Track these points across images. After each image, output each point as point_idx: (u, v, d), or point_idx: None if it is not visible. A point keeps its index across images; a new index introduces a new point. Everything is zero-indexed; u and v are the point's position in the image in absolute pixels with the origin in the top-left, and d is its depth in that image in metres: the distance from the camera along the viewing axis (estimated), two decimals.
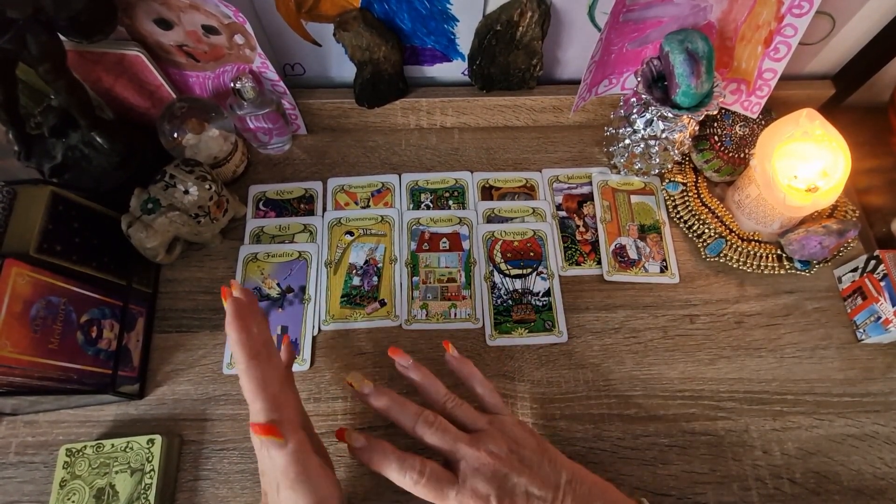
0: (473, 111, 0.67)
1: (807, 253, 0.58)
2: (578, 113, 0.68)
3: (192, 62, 0.58)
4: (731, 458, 0.52)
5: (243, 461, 0.51)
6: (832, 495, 0.51)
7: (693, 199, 0.63)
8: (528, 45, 0.59)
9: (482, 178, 0.66)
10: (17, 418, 0.53)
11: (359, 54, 0.58)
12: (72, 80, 0.50)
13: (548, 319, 0.58)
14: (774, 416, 0.54)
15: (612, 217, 0.64)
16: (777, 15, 0.51)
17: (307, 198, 0.64)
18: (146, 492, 0.48)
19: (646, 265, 0.61)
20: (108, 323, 0.52)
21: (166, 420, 0.53)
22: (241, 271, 0.60)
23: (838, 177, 0.54)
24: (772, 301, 0.60)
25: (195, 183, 0.54)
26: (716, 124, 0.63)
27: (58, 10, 0.44)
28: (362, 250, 0.61)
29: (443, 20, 0.58)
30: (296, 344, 0.56)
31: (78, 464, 0.49)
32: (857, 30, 0.61)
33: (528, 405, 0.54)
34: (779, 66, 0.55)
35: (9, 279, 0.44)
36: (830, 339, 0.58)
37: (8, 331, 0.43)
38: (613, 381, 0.56)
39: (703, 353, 0.57)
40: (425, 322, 0.58)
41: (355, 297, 0.59)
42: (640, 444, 0.53)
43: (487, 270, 0.60)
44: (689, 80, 0.51)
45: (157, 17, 0.52)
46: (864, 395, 0.55)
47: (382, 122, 0.68)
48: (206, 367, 0.55)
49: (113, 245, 0.54)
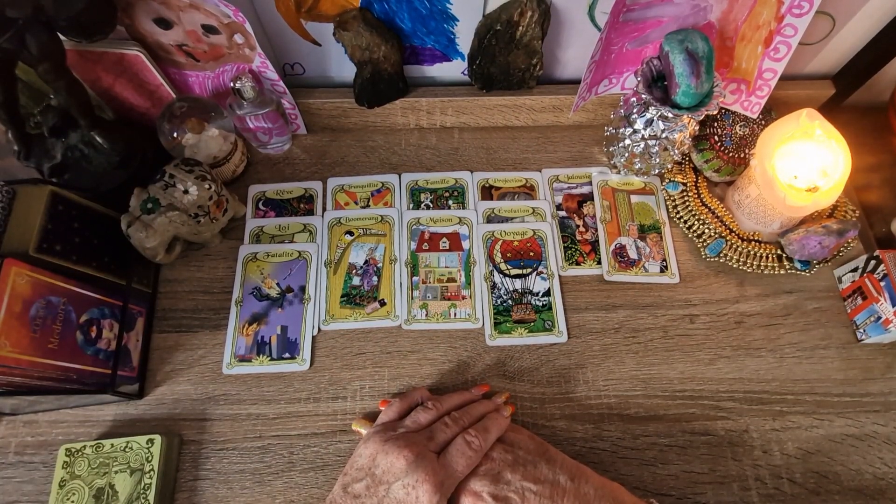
0: (473, 111, 0.67)
1: (807, 253, 0.58)
2: (578, 113, 0.68)
3: (192, 62, 0.58)
4: (731, 458, 0.52)
5: (243, 461, 0.51)
6: (832, 495, 0.51)
7: (693, 199, 0.63)
8: (528, 45, 0.59)
9: (482, 177, 0.66)
10: (16, 418, 0.53)
11: (358, 54, 0.58)
12: (71, 80, 0.50)
13: (548, 319, 0.58)
14: (774, 416, 0.54)
15: (612, 217, 0.64)
16: (777, 15, 0.51)
17: (307, 197, 0.64)
18: (146, 492, 0.48)
19: (646, 265, 0.61)
20: (107, 323, 0.52)
21: (166, 420, 0.53)
22: (240, 271, 0.60)
23: (838, 177, 0.54)
24: (772, 301, 0.60)
25: (195, 183, 0.54)
26: (716, 124, 0.63)
27: (58, 9, 0.43)
28: (362, 250, 0.61)
29: (443, 20, 0.58)
30: (295, 344, 0.56)
31: (77, 464, 0.49)
32: (857, 30, 0.61)
33: (528, 405, 0.54)
34: (779, 65, 0.55)
35: (8, 279, 0.44)
36: (830, 339, 0.58)
37: (7, 331, 0.43)
38: (613, 381, 0.56)
39: (703, 353, 0.57)
40: (425, 322, 0.58)
41: (355, 296, 0.59)
42: (640, 444, 0.53)
43: (487, 270, 0.60)
44: (689, 79, 0.51)
45: (157, 16, 0.52)
46: (864, 395, 0.55)
47: (382, 122, 0.68)
48: (205, 367, 0.55)
49: (113, 245, 0.54)
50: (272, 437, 0.53)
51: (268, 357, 0.56)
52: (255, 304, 0.58)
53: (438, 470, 0.41)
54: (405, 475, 0.40)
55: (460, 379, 0.55)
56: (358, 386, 0.55)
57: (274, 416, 0.53)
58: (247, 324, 0.57)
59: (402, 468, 0.41)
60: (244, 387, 0.55)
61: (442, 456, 0.43)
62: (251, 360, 0.56)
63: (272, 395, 0.54)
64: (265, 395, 0.54)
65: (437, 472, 0.41)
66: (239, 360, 0.56)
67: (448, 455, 0.43)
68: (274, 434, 0.53)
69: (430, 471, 0.41)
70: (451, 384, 0.55)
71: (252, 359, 0.56)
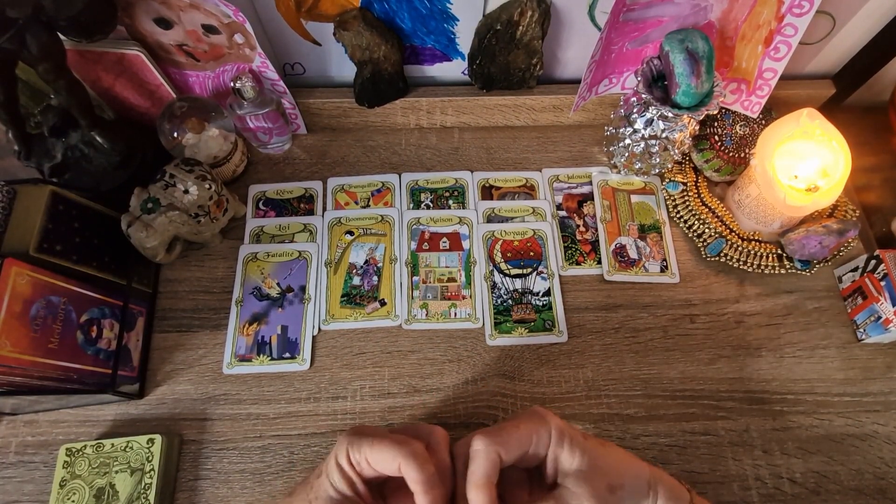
0: (473, 111, 0.67)
1: (807, 252, 0.58)
2: (578, 112, 0.68)
3: (192, 61, 0.58)
4: (731, 458, 0.52)
5: (243, 461, 0.51)
6: (832, 495, 0.51)
7: (693, 199, 0.63)
8: (528, 45, 0.59)
9: (482, 177, 0.66)
10: (17, 418, 0.53)
11: (359, 54, 0.58)
12: (72, 80, 0.50)
13: (548, 319, 0.58)
14: (774, 416, 0.54)
15: (612, 217, 0.64)
16: (777, 14, 0.51)
17: (307, 197, 0.64)
18: (146, 491, 0.48)
19: (646, 265, 0.61)
20: (107, 322, 0.52)
21: (166, 420, 0.53)
22: (241, 271, 0.60)
23: (838, 176, 0.54)
24: (772, 301, 0.60)
25: (195, 182, 0.54)
26: (716, 124, 0.63)
27: (58, 9, 0.43)
28: (362, 250, 0.61)
29: (443, 19, 0.58)
30: (296, 344, 0.56)
31: (78, 463, 0.49)
32: (857, 30, 0.61)
33: (528, 405, 0.54)
34: (779, 65, 0.55)
35: (9, 279, 0.44)
36: (830, 339, 0.58)
37: (8, 330, 0.43)
38: (613, 381, 0.56)
39: (703, 352, 0.57)
40: (425, 322, 0.58)
41: (355, 296, 0.59)
42: (640, 443, 0.53)
43: (487, 270, 0.60)
44: (689, 79, 0.51)
45: (157, 16, 0.52)
46: (864, 395, 0.55)
47: (382, 122, 0.68)
48: (205, 366, 0.55)
49: (113, 245, 0.54)
50: (272, 436, 0.53)
51: (268, 357, 0.56)
52: (256, 303, 0.58)
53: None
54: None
55: (460, 379, 0.55)
56: (358, 386, 0.55)
57: (274, 415, 0.53)
58: (247, 324, 0.57)
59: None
60: (244, 386, 0.55)
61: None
62: (251, 360, 0.56)
63: (272, 395, 0.54)
64: (265, 394, 0.54)
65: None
66: (239, 359, 0.56)
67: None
68: (274, 434, 0.53)
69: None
70: (451, 384, 0.55)
71: (252, 359, 0.56)
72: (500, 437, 0.35)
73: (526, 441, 0.35)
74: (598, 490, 0.34)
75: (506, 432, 0.35)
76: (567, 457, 0.35)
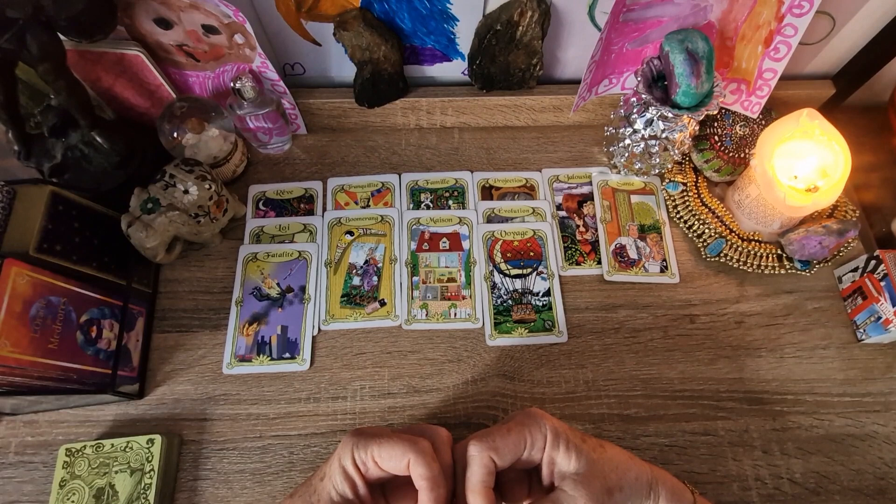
0: (473, 111, 0.67)
1: (807, 253, 0.58)
2: (578, 113, 0.68)
3: (192, 62, 0.58)
4: (731, 458, 0.52)
5: (243, 461, 0.51)
6: (832, 495, 0.51)
7: (693, 199, 0.63)
8: (528, 45, 0.59)
9: (482, 177, 0.66)
10: (16, 418, 0.53)
11: (359, 54, 0.58)
12: (72, 80, 0.50)
13: (548, 319, 0.58)
14: (774, 416, 0.54)
15: (612, 217, 0.64)
16: (777, 15, 0.51)
17: (307, 197, 0.64)
18: (146, 491, 0.48)
19: (646, 265, 0.61)
20: (107, 323, 0.52)
21: (166, 420, 0.53)
22: (241, 271, 0.60)
23: (838, 177, 0.54)
24: (772, 301, 0.60)
25: (195, 182, 0.54)
26: (716, 124, 0.63)
27: (58, 9, 0.43)
28: (362, 250, 0.61)
29: (443, 20, 0.58)
30: (296, 344, 0.56)
31: (77, 464, 0.49)
32: (857, 30, 0.61)
33: (528, 405, 0.54)
34: (779, 65, 0.55)
35: (8, 279, 0.44)
36: (830, 339, 0.58)
37: (8, 330, 0.43)
38: (613, 381, 0.56)
39: (703, 353, 0.57)
40: (425, 322, 0.58)
41: (355, 296, 0.59)
42: (640, 444, 0.53)
43: (487, 270, 0.60)
44: (689, 79, 0.51)
45: (157, 16, 0.52)
46: (864, 395, 0.55)
47: (382, 122, 0.68)
48: (205, 366, 0.55)
49: (113, 245, 0.54)
50: (272, 436, 0.53)
51: (268, 357, 0.56)
52: (256, 304, 0.58)
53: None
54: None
55: (460, 379, 0.55)
56: (358, 386, 0.55)
57: (274, 416, 0.53)
58: (247, 324, 0.57)
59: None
60: (244, 387, 0.55)
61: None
62: (251, 360, 0.56)
63: (272, 395, 0.54)
64: (265, 395, 0.54)
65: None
66: (239, 360, 0.56)
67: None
68: (274, 434, 0.53)
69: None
70: (451, 384, 0.55)
71: (252, 359, 0.56)
72: (493, 443, 0.35)
73: (519, 444, 0.35)
74: (595, 493, 0.34)
75: (499, 437, 0.35)
76: (563, 459, 0.35)
